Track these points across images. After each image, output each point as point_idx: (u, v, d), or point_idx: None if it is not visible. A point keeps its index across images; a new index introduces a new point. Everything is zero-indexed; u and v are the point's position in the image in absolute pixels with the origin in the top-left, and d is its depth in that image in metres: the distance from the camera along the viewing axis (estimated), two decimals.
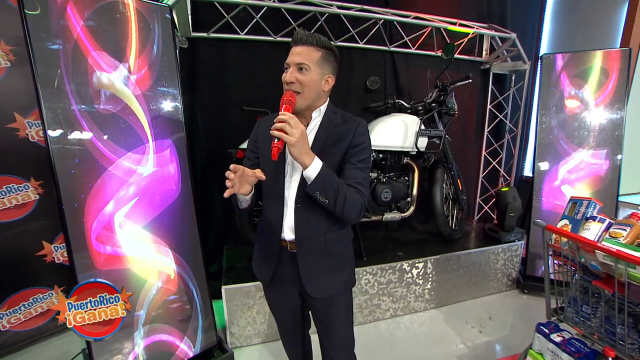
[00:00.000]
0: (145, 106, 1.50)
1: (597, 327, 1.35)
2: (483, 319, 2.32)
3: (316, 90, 1.06)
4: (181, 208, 1.64)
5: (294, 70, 1.03)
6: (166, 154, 1.58)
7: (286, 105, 0.99)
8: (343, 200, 1.01)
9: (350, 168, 1.07)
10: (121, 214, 1.46)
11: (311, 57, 1.03)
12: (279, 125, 0.92)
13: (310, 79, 1.03)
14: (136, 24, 1.46)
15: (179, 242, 1.64)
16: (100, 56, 1.38)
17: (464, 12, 2.82)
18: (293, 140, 0.91)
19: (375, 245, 2.58)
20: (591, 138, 2.42)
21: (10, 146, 1.85)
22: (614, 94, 2.36)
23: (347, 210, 1.02)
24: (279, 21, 2.32)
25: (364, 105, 2.67)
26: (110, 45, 1.40)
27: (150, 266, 1.55)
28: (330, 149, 1.08)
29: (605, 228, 1.26)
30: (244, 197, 1.08)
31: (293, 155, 0.95)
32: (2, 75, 1.80)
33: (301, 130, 0.93)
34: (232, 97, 2.35)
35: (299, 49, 1.04)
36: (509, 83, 3.16)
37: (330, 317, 1.20)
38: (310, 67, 1.03)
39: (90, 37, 1.35)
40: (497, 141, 3.27)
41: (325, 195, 0.99)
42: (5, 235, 1.88)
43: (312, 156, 0.97)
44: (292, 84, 1.02)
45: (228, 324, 1.98)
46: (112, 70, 1.41)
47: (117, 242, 1.45)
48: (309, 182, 0.98)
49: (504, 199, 2.66)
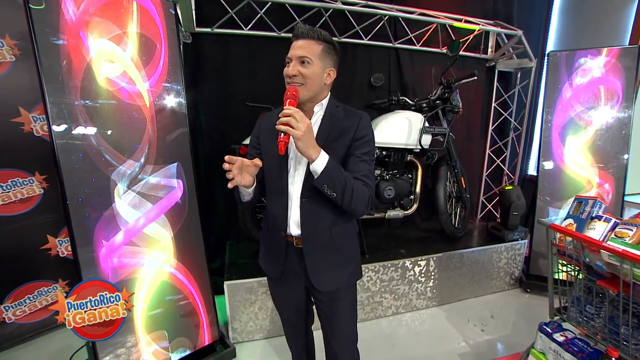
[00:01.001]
0: (149, 101, 1.51)
1: (601, 327, 1.34)
2: (485, 318, 2.32)
3: (319, 83, 1.07)
4: (184, 204, 1.64)
5: (296, 63, 1.04)
6: (169, 150, 1.58)
7: (290, 100, 0.99)
8: (350, 192, 1.01)
9: (355, 161, 1.07)
10: (125, 209, 1.46)
11: (313, 50, 1.04)
12: (284, 119, 0.92)
13: (313, 72, 1.04)
14: (140, 19, 1.46)
15: (181, 238, 1.64)
16: (104, 51, 1.38)
17: (470, 9, 2.79)
18: (299, 134, 0.92)
19: (378, 242, 2.57)
20: (597, 137, 2.39)
21: (15, 140, 1.86)
22: (623, 93, 2.32)
23: (355, 203, 1.03)
24: (283, 17, 2.30)
25: (368, 101, 2.66)
26: (115, 40, 1.40)
27: (152, 261, 1.56)
28: (334, 142, 1.08)
29: (611, 228, 1.25)
30: (246, 189, 1.08)
31: (299, 149, 0.95)
32: (7, 70, 1.81)
33: (307, 124, 0.94)
34: (235, 92, 2.35)
35: (301, 42, 1.04)
36: (514, 81, 3.13)
37: (335, 312, 1.21)
38: (312, 60, 1.03)
39: (95, 32, 1.35)
40: (502, 139, 3.25)
41: (333, 189, 0.99)
42: (11, 228, 1.90)
43: (318, 150, 0.97)
44: (295, 77, 1.03)
45: (230, 319, 1.99)
46: (117, 65, 1.41)
47: (120, 238, 1.46)
48: (316, 175, 0.98)
49: (507, 197, 2.65)
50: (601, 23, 2.81)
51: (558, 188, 2.49)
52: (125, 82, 1.44)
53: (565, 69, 2.42)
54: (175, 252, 1.63)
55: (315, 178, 0.99)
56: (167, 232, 1.59)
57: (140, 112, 1.48)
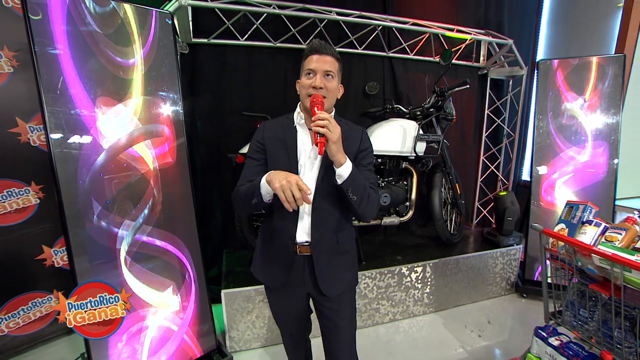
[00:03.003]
0: (148, 110, 1.52)
1: (595, 331, 1.36)
2: (482, 323, 2.33)
3: (335, 97, 1.16)
4: (181, 212, 1.65)
5: (321, 76, 1.08)
6: (169, 158, 1.59)
7: (319, 106, 1.04)
8: (367, 197, 1.09)
9: (362, 170, 1.15)
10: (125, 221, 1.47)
11: (335, 66, 1.12)
12: (322, 122, 0.96)
13: (334, 86, 1.12)
14: (137, 30, 1.48)
15: (178, 246, 1.64)
16: (101, 60, 1.40)
17: (462, 19, 2.86)
18: (335, 137, 0.97)
19: (374, 249, 2.58)
20: (588, 142, 2.44)
21: (12, 150, 1.86)
22: (609, 99, 2.39)
23: (369, 207, 1.11)
24: (279, 27, 2.34)
25: (362, 110, 2.69)
26: (111, 49, 1.42)
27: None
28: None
29: (601, 232, 1.27)
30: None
31: (331, 152, 1.00)
32: (5, 81, 1.82)
33: (339, 129, 1.00)
34: (232, 102, 2.37)
35: (327, 57, 1.09)
36: (506, 88, 3.19)
37: (340, 316, 1.23)
38: (335, 75, 1.11)
39: (92, 42, 1.37)
40: (495, 146, 3.30)
41: (355, 192, 1.06)
42: (6, 239, 1.89)
43: (345, 155, 1.03)
44: (321, 89, 1.08)
45: (227, 328, 1.98)
46: (115, 73, 1.43)
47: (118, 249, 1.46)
48: (342, 179, 1.03)
49: (502, 203, 2.68)
50: (588, 32, 2.90)
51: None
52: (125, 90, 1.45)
53: (555, 77, 2.48)
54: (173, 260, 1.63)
55: (341, 182, 1.04)
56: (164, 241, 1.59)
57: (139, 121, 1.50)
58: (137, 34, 1.48)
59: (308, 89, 1.09)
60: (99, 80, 1.39)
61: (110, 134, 1.43)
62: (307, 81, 1.10)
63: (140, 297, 1.54)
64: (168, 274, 1.62)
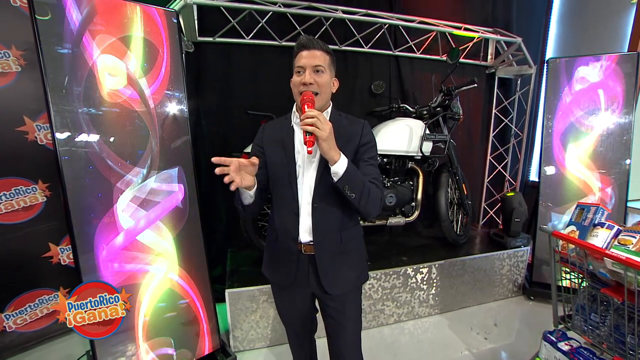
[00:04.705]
0: (152, 110, 1.52)
1: (606, 336, 1.33)
2: (488, 326, 2.29)
3: (329, 91, 1.12)
4: (185, 208, 1.65)
5: (310, 72, 1.06)
6: (171, 158, 1.59)
7: (309, 104, 1.02)
8: (367, 193, 1.05)
9: (364, 165, 1.12)
10: (127, 213, 1.47)
11: (325, 59, 1.09)
12: (310, 120, 0.95)
13: (326, 81, 1.09)
14: (143, 28, 1.48)
15: (182, 244, 1.64)
16: (107, 60, 1.40)
17: (469, 17, 2.82)
18: (325, 135, 0.95)
19: (380, 249, 2.56)
20: (598, 143, 2.39)
21: (19, 149, 1.88)
22: (623, 99, 2.33)
23: (371, 204, 1.07)
24: (284, 26, 2.33)
25: (368, 109, 2.67)
26: (118, 49, 1.42)
27: (153, 269, 1.56)
28: (342, 149, 1.09)
29: (614, 235, 1.24)
30: (248, 192, 1.07)
31: (323, 149, 0.98)
32: (13, 80, 1.84)
33: (330, 126, 0.97)
34: (237, 100, 2.37)
35: (315, 52, 1.07)
36: (514, 87, 3.14)
37: (345, 316, 1.22)
38: (325, 69, 1.08)
39: (98, 41, 1.37)
40: (503, 146, 3.25)
41: (352, 189, 1.03)
42: (13, 236, 1.91)
43: (339, 151, 1.01)
44: (311, 85, 1.06)
45: (231, 327, 1.98)
46: (120, 73, 1.43)
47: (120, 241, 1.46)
48: (337, 177, 1.01)
49: (509, 204, 2.64)
50: (600, 30, 2.83)
51: (560, 194, 2.49)
52: (128, 90, 1.45)
53: (564, 76, 2.43)
54: (178, 259, 1.63)
55: (337, 179, 1.01)
56: (169, 235, 1.59)
57: (143, 120, 1.50)
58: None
59: (299, 87, 1.07)
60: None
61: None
62: (297, 78, 1.08)
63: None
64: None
